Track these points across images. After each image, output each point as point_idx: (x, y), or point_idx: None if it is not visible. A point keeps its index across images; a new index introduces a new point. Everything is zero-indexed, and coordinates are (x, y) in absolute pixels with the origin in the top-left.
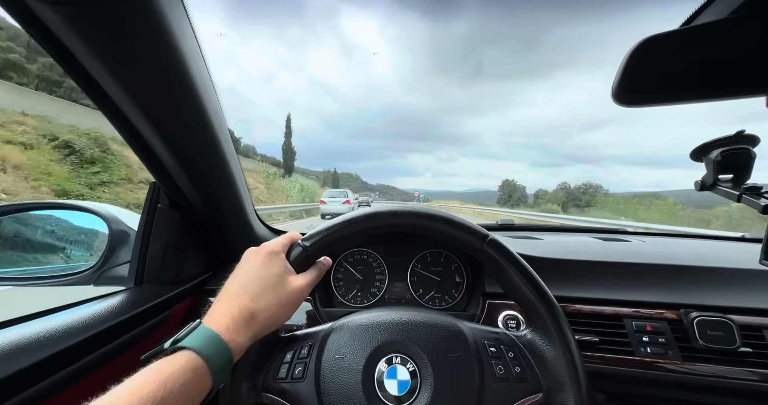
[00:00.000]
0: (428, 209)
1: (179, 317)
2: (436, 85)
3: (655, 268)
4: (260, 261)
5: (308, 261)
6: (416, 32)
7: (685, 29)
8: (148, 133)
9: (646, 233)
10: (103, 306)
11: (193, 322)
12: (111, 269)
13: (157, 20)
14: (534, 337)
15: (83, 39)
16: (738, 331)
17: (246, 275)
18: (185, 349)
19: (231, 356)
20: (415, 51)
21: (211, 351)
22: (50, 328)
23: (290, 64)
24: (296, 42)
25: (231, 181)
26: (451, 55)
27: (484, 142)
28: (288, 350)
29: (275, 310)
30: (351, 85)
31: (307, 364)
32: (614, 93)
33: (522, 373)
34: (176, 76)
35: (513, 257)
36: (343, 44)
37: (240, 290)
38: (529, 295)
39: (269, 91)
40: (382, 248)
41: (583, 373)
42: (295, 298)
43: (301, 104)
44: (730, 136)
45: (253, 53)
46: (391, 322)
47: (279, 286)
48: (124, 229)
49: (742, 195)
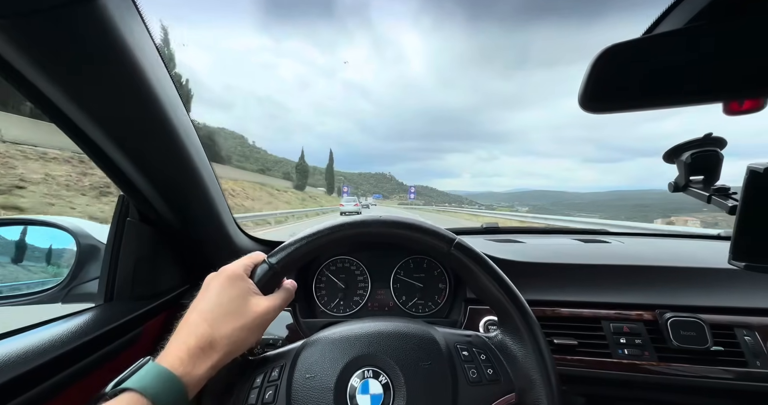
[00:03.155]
0: (395, 217)
1: (153, 333)
2: (475, 77)
3: (632, 270)
4: (220, 285)
5: (275, 279)
6: (454, 18)
7: (645, 38)
8: (109, 147)
9: (625, 233)
10: (72, 324)
11: (142, 359)
12: (80, 286)
13: (107, 30)
14: (504, 337)
15: (25, 53)
16: (709, 331)
17: (205, 302)
18: (128, 390)
19: (184, 391)
20: (452, 40)
21: (157, 389)
22: (14, 349)
23: (323, 68)
24: (327, 42)
25: (204, 192)
26: (493, 41)
27: (528, 138)
28: (258, 373)
29: (238, 334)
30: (384, 84)
31: (278, 387)
32: (580, 100)
33: (494, 374)
34: (132, 88)
35: (480, 259)
36: (376, 40)
37: (198, 318)
38: (497, 295)
39: (304, 97)
40: (364, 255)
41: (552, 369)
42: (261, 320)
43: (335, 108)
44: (699, 139)
45: (286, 59)
46: (363, 334)
47: (241, 309)
48: (93, 243)
49: (711, 196)
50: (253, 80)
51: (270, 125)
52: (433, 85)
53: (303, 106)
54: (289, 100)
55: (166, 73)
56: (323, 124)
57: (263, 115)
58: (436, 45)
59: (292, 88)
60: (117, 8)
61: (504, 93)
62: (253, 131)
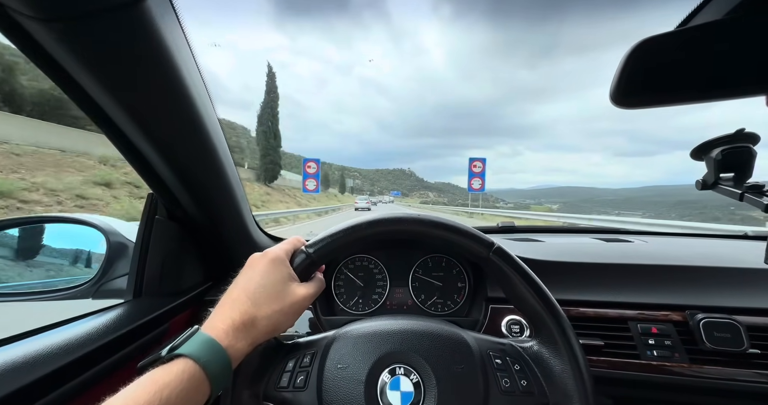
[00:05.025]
0: (432, 216)
1: (179, 329)
2: (498, 68)
3: (658, 269)
4: (264, 267)
5: (311, 268)
6: (476, 5)
7: (681, 30)
8: (144, 145)
9: (648, 233)
10: (102, 320)
11: (190, 328)
12: (109, 282)
13: (150, 33)
14: (541, 348)
15: (75, 54)
16: (745, 333)
17: (249, 281)
18: (182, 356)
19: (229, 362)
20: (473, 29)
21: (209, 357)
22: (48, 344)
23: (340, 65)
24: (344, 38)
25: (229, 191)
26: (518, 27)
27: (554, 132)
28: (290, 358)
29: (277, 317)
30: (403, 80)
31: (309, 373)
32: (612, 95)
33: (528, 386)
34: (170, 88)
35: (519, 266)
36: (393, 33)
37: (242, 296)
38: (535, 305)
39: (322, 95)
40: (382, 254)
41: (591, 386)
42: (298, 306)
43: (353, 106)
44: (730, 135)
45: (302, 57)
46: (395, 331)
47: (282, 293)
48: (122, 241)
49: (744, 194)
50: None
51: (288, 125)
52: (453, 78)
53: (320, 104)
54: (307, 98)
55: (199, 74)
56: (340, 123)
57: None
58: (457, 35)
59: (310, 86)
60: (158, 11)
61: (529, 84)
62: None
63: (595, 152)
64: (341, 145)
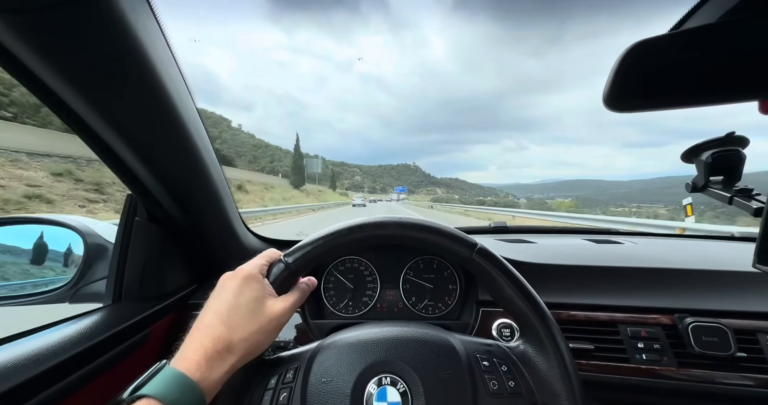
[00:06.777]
0: (415, 219)
1: (161, 334)
2: (503, 58)
3: (649, 272)
4: (236, 287)
5: (291, 279)
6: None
7: (674, 33)
8: (118, 144)
9: (638, 233)
10: (77, 327)
11: (159, 363)
12: (87, 286)
13: (119, 26)
14: (527, 348)
15: (34, 49)
16: (733, 337)
17: (221, 303)
18: (145, 396)
19: (202, 397)
20: (477, 18)
21: (176, 395)
22: (15, 355)
23: (339, 62)
24: (342, 32)
25: (212, 191)
26: (524, 12)
27: (560, 125)
28: (273, 375)
29: (255, 337)
30: (404, 75)
31: (292, 390)
32: (605, 99)
33: (516, 387)
34: (144, 85)
35: (503, 266)
36: (393, 24)
37: (214, 320)
38: (520, 304)
39: (322, 93)
40: (373, 256)
41: (578, 384)
42: (277, 322)
43: (354, 103)
44: (720, 138)
45: (301, 55)
46: (379, 339)
47: (257, 311)
48: (100, 242)
49: (733, 197)
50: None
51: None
52: (456, 71)
53: (321, 102)
54: (307, 97)
55: (178, 71)
56: (342, 121)
57: (282, 113)
58: (460, 25)
59: (310, 84)
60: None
61: (534, 74)
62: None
63: (602, 144)
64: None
